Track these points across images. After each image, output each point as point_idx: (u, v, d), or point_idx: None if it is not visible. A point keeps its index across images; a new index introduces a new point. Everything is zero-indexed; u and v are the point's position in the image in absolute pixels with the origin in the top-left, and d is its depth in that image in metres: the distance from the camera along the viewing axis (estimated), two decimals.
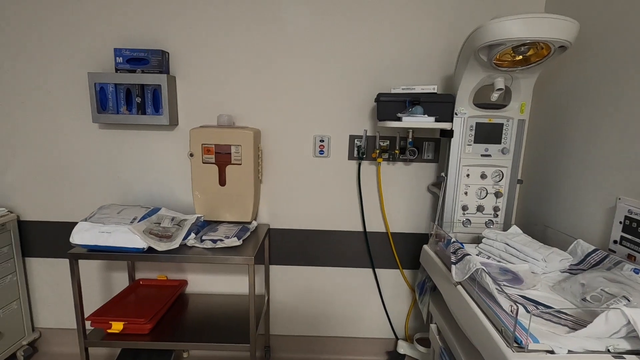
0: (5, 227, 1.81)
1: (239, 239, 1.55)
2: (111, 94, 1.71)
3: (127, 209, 1.62)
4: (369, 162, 1.85)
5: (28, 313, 1.96)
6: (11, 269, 1.85)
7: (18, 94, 1.79)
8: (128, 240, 1.44)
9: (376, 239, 1.93)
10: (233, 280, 1.97)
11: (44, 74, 1.78)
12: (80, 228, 1.46)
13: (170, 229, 1.59)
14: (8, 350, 1.84)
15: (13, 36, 1.74)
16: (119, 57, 1.69)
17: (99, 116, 1.72)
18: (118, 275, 1.98)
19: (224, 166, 1.69)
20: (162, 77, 1.68)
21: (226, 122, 1.74)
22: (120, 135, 1.83)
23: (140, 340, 1.55)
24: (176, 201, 1.90)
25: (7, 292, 1.83)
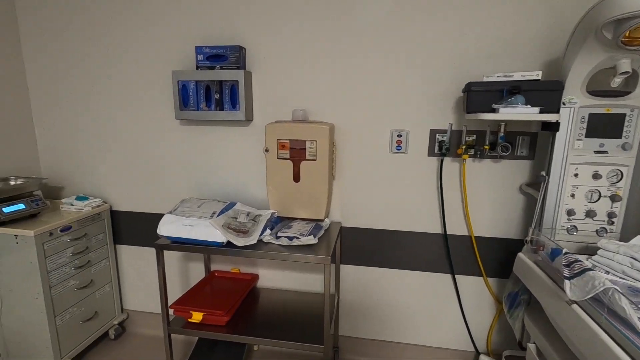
0: (100, 216, 1.97)
1: (314, 237, 1.51)
2: (192, 91, 1.77)
3: (206, 203, 1.66)
4: (451, 158, 1.69)
5: (118, 296, 2.13)
6: (105, 254, 2.02)
7: (110, 94, 1.94)
8: (209, 234, 1.47)
9: (457, 242, 1.77)
10: (303, 277, 1.95)
11: (133, 74, 1.89)
12: (165, 220, 1.52)
13: (247, 224, 1.59)
14: (102, 328, 2.02)
15: (105, 39, 1.87)
16: (200, 54, 1.73)
17: (181, 113, 1.78)
18: (195, 265, 2.06)
19: (298, 162, 1.65)
20: (239, 73, 1.69)
21: (301, 117, 1.70)
22: (199, 131, 1.89)
23: (218, 332, 1.58)
24: (250, 196, 1.91)
25: (102, 276, 2.00)
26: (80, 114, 2.00)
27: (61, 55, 1.94)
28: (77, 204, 1.89)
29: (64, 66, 1.95)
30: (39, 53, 1.96)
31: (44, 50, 1.95)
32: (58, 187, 2.12)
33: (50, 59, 1.96)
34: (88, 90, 1.96)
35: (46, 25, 1.92)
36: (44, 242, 1.64)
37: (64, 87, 1.98)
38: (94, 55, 1.91)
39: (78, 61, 1.93)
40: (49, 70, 1.98)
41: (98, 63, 1.91)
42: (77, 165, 2.06)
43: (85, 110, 1.98)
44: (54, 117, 2.03)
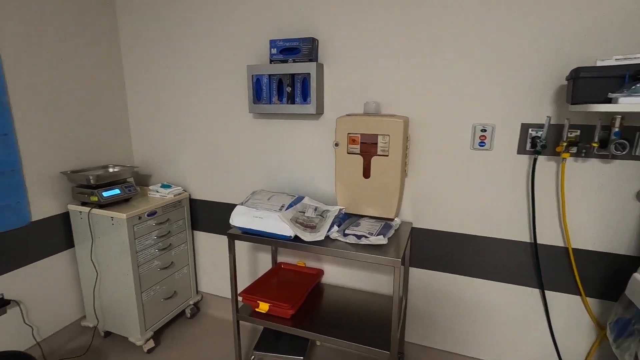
0: (181, 203, 2.12)
1: (384, 237, 1.42)
2: (265, 84, 1.79)
3: (276, 196, 1.67)
4: (547, 157, 1.47)
5: (194, 278, 2.29)
6: (184, 239, 2.18)
7: (190, 90, 2.06)
8: (277, 227, 1.48)
9: (549, 254, 1.54)
10: (370, 276, 1.88)
11: (212, 70, 1.98)
12: (238, 211, 1.56)
13: (314, 219, 1.57)
14: (180, 307, 2.18)
15: (187, 39, 1.98)
16: (274, 48, 1.74)
17: (254, 106, 1.82)
18: (263, 255, 2.12)
19: (368, 157, 1.58)
20: (311, 66, 1.66)
21: (373, 110, 1.62)
22: (270, 124, 1.92)
23: (282, 324, 1.60)
24: (318, 191, 1.89)
25: (181, 259, 2.16)
26: (166, 110, 2.16)
27: (150, 57, 2.11)
28: (161, 191, 2.06)
29: (153, 67, 2.13)
30: (133, 57, 2.16)
31: (138, 54, 2.15)
32: (147, 175, 2.33)
33: (142, 61, 2.15)
34: (172, 87, 2.10)
35: (138, 29, 2.10)
36: (134, 224, 1.81)
37: (153, 86, 2.16)
38: (177, 55, 2.04)
39: (164, 62, 2.08)
40: (142, 71, 2.17)
41: (181, 62, 2.04)
42: (163, 155, 2.25)
43: (170, 106, 2.14)
44: (145, 113, 2.23)
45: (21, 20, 1.69)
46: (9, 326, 1.73)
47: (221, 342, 2.05)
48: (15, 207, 1.71)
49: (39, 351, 1.86)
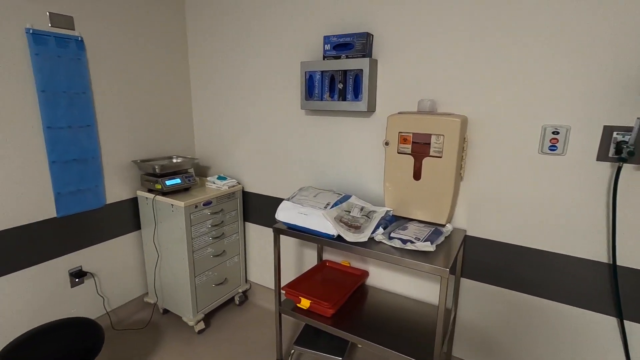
0: (234, 195, 2.22)
1: (431, 243, 1.34)
2: (318, 81, 1.78)
3: (322, 194, 1.66)
4: (634, 166, 1.26)
5: (244, 267, 2.39)
6: (235, 229, 2.28)
7: (247, 87, 2.13)
8: (321, 225, 1.47)
9: (632, 278, 1.32)
10: (417, 283, 1.79)
11: (267, 67, 2.03)
12: (283, 206, 1.58)
13: (359, 220, 1.53)
14: (230, 293, 2.29)
15: (248, 37, 2.05)
16: (327, 44, 1.72)
17: (306, 103, 1.83)
18: (308, 251, 2.13)
19: (420, 158, 1.49)
20: (364, 61, 1.61)
21: (428, 108, 1.52)
22: (321, 121, 1.91)
23: (322, 322, 1.59)
24: (365, 190, 1.85)
25: (232, 248, 2.27)
26: (225, 106, 2.27)
27: (212, 57, 2.23)
28: (217, 183, 2.17)
29: (214, 66, 2.24)
30: (198, 58, 2.30)
31: (201, 54, 2.28)
32: (206, 166, 2.48)
33: (205, 61, 2.27)
34: (230, 85, 2.20)
35: (203, 32, 2.23)
36: (190, 212, 1.94)
37: (214, 83, 2.28)
38: (235, 55, 2.13)
39: (224, 61, 2.18)
40: (205, 70, 2.30)
41: (239, 61, 2.13)
42: (221, 149, 2.37)
43: (229, 102, 2.24)
44: (206, 109, 2.37)
45: (105, 23, 1.89)
46: (85, 295, 1.97)
47: (266, 332, 2.11)
48: (94, 190, 1.93)
49: (108, 320, 2.09)
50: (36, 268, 1.74)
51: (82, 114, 1.83)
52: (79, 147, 1.84)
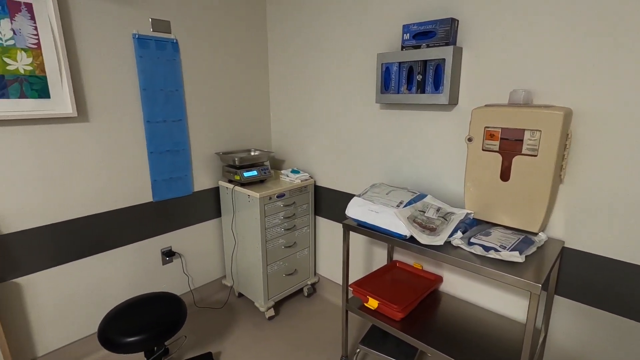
0: (306, 188, 2.26)
1: (520, 253, 1.18)
2: (394, 73, 1.70)
3: (395, 191, 1.59)
4: None
5: (313, 260, 2.42)
6: (306, 222, 2.32)
7: (321, 81, 2.13)
8: (392, 224, 1.40)
9: None
10: (499, 295, 1.61)
11: (340, 57, 2.00)
12: (354, 203, 1.55)
13: (435, 221, 1.42)
14: (299, 284, 2.35)
15: (320, 27, 2.04)
16: (406, 33, 1.63)
17: (381, 96, 1.76)
18: (378, 250, 2.07)
19: (510, 156, 1.33)
20: (447, 50, 1.48)
21: (522, 100, 1.34)
22: (396, 115, 1.83)
23: (390, 325, 1.52)
24: (443, 190, 1.72)
25: (303, 240, 2.31)
26: (300, 100, 2.31)
27: (289, 53, 2.28)
28: (291, 176, 2.23)
29: (291, 61, 2.29)
30: (276, 54, 2.38)
31: (280, 51, 2.35)
32: (281, 160, 2.56)
33: (283, 57, 2.33)
34: (306, 79, 2.22)
35: (283, 23, 2.29)
36: (265, 204, 2.02)
37: (291, 79, 2.33)
38: (311, 49, 2.14)
39: (301, 57, 2.21)
40: (282, 66, 2.36)
41: (315, 55, 2.13)
42: (295, 143, 2.42)
43: (304, 97, 2.27)
44: (283, 104, 2.44)
45: (195, 26, 2.05)
46: (173, 273, 2.19)
47: (332, 326, 2.12)
48: (183, 178, 2.13)
49: (191, 297, 2.30)
50: (136, 245, 1.99)
51: (175, 109, 2.02)
52: (172, 140, 2.04)
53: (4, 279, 1.58)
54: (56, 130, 1.63)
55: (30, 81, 1.52)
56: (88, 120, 1.72)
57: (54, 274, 1.72)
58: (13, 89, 1.48)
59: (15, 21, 1.45)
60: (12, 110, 1.49)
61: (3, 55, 1.44)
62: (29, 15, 1.48)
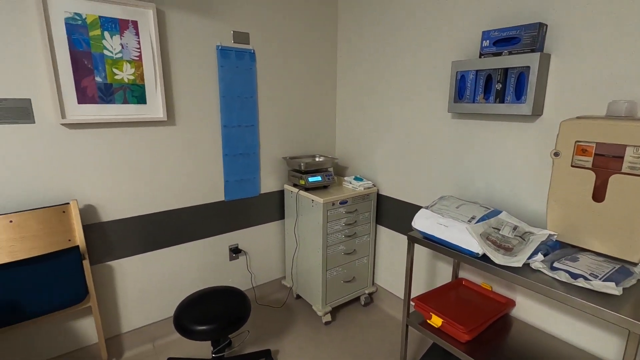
0: (369, 196, 2.24)
1: (617, 284, 1.05)
2: (470, 81, 1.62)
3: (466, 206, 1.51)
4: None
5: (372, 269, 2.40)
6: (367, 231, 2.30)
7: (390, 88, 2.10)
8: (463, 240, 1.33)
9: None
10: (582, 327, 1.44)
11: (411, 65, 1.96)
12: (421, 215, 1.50)
13: (511, 240, 1.33)
14: (356, 292, 2.34)
15: (390, 34, 2.02)
16: (486, 40, 1.55)
17: (454, 105, 1.69)
18: (443, 265, 1.98)
19: (605, 174, 1.19)
20: (532, 57, 1.38)
21: (624, 112, 1.20)
22: (470, 126, 1.74)
23: (454, 346, 1.45)
24: (520, 207, 1.59)
25: (362, 248, 2.30)
26: (366, 108, 2.31)
27: (358, 59, 2.29)
28: (354, 183, 2.24)
29: (359, 68, 2.30)
30: (344, 61, 2.41)
31: (348, 57, 2.37)
32: (344, 166, 2.58)
33: (351, 63, 2.36)
34: (374, 87, 2.22)
35: (351, 33, 2.31)
36: (328, 209, 2.05)
37: (358, 85, 2.34)
38: (380, 55, 2.13)
39: (369, 62, 2.22)
40: (350, 73, 2.39)
41: (383, 62, 2.12)
42: (359, 150, 2.43)
43: (370, 104, 2.27)
44: (349, 110, 2.46)
45: (270, 37, 2.16)
46: (238, 269, 2.32)
47: (389, 338, 2.07)
48: (252, 180, 2.25)
49: (253, 294, 2.41)
50: (207, 240, 2.15)
51: (249, 115, 2.15)
52: (244, 143, 2.17)
53: (100, 261, 1.80)
54: (148, 132, 1.83)
55: (132, 89, 1.72)
56: (175, 124, 1.90)
57: (139, 260, 1.92)
58: (118, 95, 1.69)
59: (124, 37, 1.66)
60: (117, 114, 1.70)
61: (113, 67, 1.66)
62: (134, 32, 1.69)
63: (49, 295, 1.55)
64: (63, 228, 1.59)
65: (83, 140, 1.66)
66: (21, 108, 1.50)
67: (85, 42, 1.58)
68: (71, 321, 1.77)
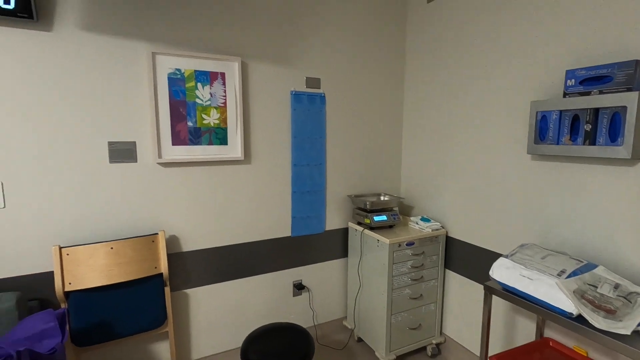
0: (437, 239, 2.15)
1: None
2: (553, 122, 1.53)
3: (553, 257, 1.37)
4: None
5: (440, 317, 2.24)
6: (435, 275, 2.18)
7: (460, 127, 2.05)
8: (552, 297, 1.20)
9: None
10: None
11: (482, 104, 1.90)
12: (501, 264, 1.40)
13: (613, 301, 1.16)
14: (422, 342, 2.19)
15: (461, 73, 2.00)
16: (571, 79, 1.46)
17: (535, 147, 1.59)
18: (524, 321, 1.78)
19: None
20: (629, 96, 1.27)
21: None
22: (554, 168, 1.61)
23: None
24: (619, 261, 1.40)
25: (430, 294, 2.17)
26: (434, 146, 2.27)
27: (425, 97, 2.30)
28: (421, 224, 2.16)
29: (426, 106, 2.30)
30: (411, 99, 2.43)
31: (415, 95, 2.39)
32: (410, 206, 2.53)
33: (418, 101, 2.37)
34: (443, 125, 2.19)
35: (419, 69, 2.34)
36: (394, 250, 1.99)
37: (426, 123, 2.33)
38: (450, 94, 2.11)
39: (437, 101, 2.20)
40: (417, 111, 2.39)
41: (453, 101, 2.09)
42: (426, 190, 2.36)
43: (439, 143, 2.23)
44: (415, 148, 2.44)
45: (339, 82, 2.28)
46: (301, 306, 2.33)
47: None
48: (318, 217, 2.30)
49: (314, 333, 2.38)
50: (273, 274, 2.20)
51: (317, 154, 2.24)
52: (312, 181, 2.24)
53: (178, 288, 1.94)
54: (227, 170, 1.99)
55: (216, 132, 1.91)
56: (250, 162, 2.05)
57: (210, 290, 2.03)
58: (205, 138, 1.89)
59: (213, 86, 1.88)
60: (202, 154, 1.89)
61: (202, 113, 1.87)
62: (222, 82, 1.90)
63: (135, 318, 1.70)
64: (151, 256, 1.75)
65: (172, 177, 1.86)
66: (128, 150, 1.74)
67: (182, 92, 1.81)
68: (148, 344, 1.90)
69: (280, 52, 2.07)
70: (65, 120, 1.62)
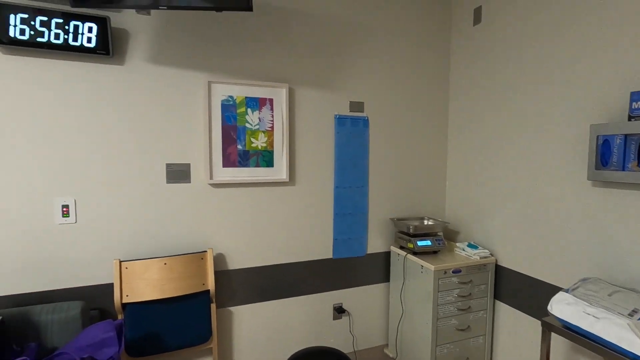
0: (486, 267, 2.04)
1: None
2: (617, 147, 1.43)
3: (622, 293, 1.25)
4: None
5: (489, 351, 2.10)
6: (484, 306, 2.06)
7: (511, 150, 1.97)
8: (622, 338, 1.09)
9: None
10: None
11: (537, 130, 1.82)
12: (561, 299, 1.30)
13: None
14: None
15: (511, 94, 1.93)
16: (637, 101, 1.37)
17: (596, 173, 1.49)
18: None
19: None
20: None
21: None
22: (620, 196, 1.49)
23: None
24: None
25: (478, 325, 2.05)
26: (483, 171, 2.19)
27: (472, 120, 2.24)
28: (467, 251, 2.07)
29: (473, 130, 2.24)
30: (457, 122, 2.39)
31: (461, 117, 2.34)
32: (455, 231, 2.44)
33: (464, 124, 2.32)
34: (491, 149, 2.11)
35: (465, 92, 2.30)
36: (439, 277, 1.92)
37: (472, 147, 2.26)
38: (499, 116, 2.04)
39: (485, 124, 2.14)
40: (463, 134, 2.34)
41: (502, 123, 2.02)
42: (473, 215, 2.27)
43: (487, 167, 2.15)
44: (461, 172, 2.37)
45: (382, 105, 2.30)
46: (340, 330, 2.29)
47: None
48: (359, 240, 2.28)
49: (354, 358, 2.32)
50: (313, 296, 2.20)
51: (360, 177, 2.25)
52: (354, 203, 2.25)
53: (223, 306, 2.00)
54: (272, 192, 2.06)
55: (263, 154, 2.00)
56: (294, 184, 2.11)
57: (253, 309, 2.06)
58: (252, 160, 1.98)
59: (261, 112, 1.98)
60: (249, 176, 1.98)
61: (251, 137, 1.96)
62: (270, 107, 1.99)
63: (183, 332, 1.77)
64: (200, 273, 1.83)
65: (221, 197, 1.95)
66: (183, 171, 1.86)
67: (234, 117, 1.92)
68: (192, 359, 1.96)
69: (325, 78, 2.14)
70: (129, 143, 1.78)
